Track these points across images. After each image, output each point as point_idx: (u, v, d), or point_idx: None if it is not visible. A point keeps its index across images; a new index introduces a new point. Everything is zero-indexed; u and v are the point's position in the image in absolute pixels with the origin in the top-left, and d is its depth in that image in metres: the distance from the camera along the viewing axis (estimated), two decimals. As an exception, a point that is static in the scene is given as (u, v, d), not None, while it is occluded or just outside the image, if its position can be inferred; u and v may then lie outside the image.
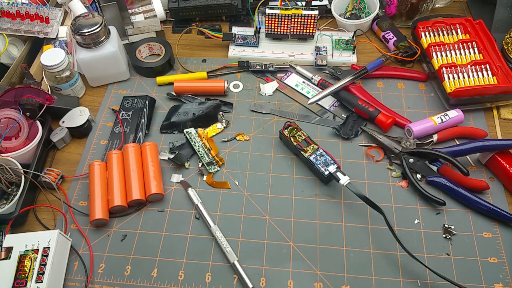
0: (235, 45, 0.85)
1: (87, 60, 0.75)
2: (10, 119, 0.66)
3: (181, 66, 0.83)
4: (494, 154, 0.65)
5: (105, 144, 0.73)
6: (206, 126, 0.74)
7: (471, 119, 0.73)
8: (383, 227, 0.59)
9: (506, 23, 0.83)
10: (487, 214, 0.62)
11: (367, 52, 0.84)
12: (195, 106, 0.75)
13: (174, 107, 0.75)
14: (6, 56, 0.80)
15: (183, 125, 0.73)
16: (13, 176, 0.64)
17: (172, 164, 0.70)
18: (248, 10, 0.90)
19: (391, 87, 0.79)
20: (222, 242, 0.60)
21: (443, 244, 0.60)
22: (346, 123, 0.73)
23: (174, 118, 0.74)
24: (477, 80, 0.74)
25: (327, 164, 0.64)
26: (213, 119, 0.74)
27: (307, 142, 0.67)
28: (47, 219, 0.65)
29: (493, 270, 0.58)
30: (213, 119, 0.74)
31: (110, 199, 0.63)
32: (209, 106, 0.74)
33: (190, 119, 0.73)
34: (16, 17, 0.79)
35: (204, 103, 0.75)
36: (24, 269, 0.54)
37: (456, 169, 0.64)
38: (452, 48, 0.77)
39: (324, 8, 0.90)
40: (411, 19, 0.87)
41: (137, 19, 0.87)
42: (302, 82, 0.80)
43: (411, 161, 0.66)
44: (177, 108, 0.75)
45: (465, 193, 0.62)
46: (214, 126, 0.73)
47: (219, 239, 0.60)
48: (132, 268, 0.59)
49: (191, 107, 0.75)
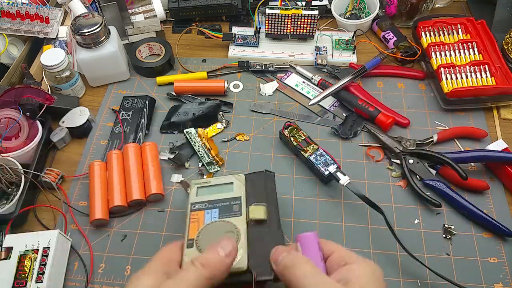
0: (235, 45, 0.85)
1: (87, 60, 0.75)
2: (10, 119, 0.66)
3: (181, 66, 0.84)
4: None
5: (105, 144, 0.73)
6: (206, 126, 0.74)
7: (471, 119, 0.73)
8: (383, 227, 0.59)
9: (506, 23, 0.83)
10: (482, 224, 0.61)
11: (367, 52, 0.84)
12: (195, 106, 0.75)
13: (174, 107, 0.75)
14: (6, 56, 0.80)
15: (183, 125, 0.73)
16: (13, 176, 0.64)
17: (172, 164, 0.70)
18: (248, 10, 0.90)
19: (391, 87, 0.79)
20: None
21: (443, 244, 0.60)
22: (345, 123, 0.73)
23: (174, 118, 0.74)
24: (475, 80, 0.74)
25: (327, 164, 0.64)
26: (213, 119, 0.74)
27: (307, 142, 0.67)
28: (47, 219, 0.65)
29: (493, 270, 0.58)
30: (213, 119, 0.74)
31: (110, 199, 0.63)
32: (209, 106, 0.74)
33: (190, 119, 0.73)
34: (16, 17, 0.79)
35: (204, 103, 0.75)
36: (24, 269, 0.54)
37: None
38: (452, 48, 0.77)
39: (324, 8, 0.90)
40: (411, 19, 0.87)
41: (137, 19, 0.87)
42: (302, 82, 0.80)
43: (411, 162, 0.66)
44: (177, 108, 0.75)
45: (461, 200, 0.62)
46: (214, 126, 0.73)
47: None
48: (132, 268, 0.59)
49: (191, 107, 0.75)
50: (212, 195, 0.56)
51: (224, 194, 0.56)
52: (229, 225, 0.52)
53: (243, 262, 0.49)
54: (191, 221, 0.54)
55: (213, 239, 0.49)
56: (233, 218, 0.53)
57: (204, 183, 0.58)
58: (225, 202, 0.55)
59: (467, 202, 0.62)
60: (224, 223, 0.52)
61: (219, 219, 0.53)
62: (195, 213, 0.54)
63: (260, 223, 0.53)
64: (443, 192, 0.63)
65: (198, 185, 0.58)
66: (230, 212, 0.54)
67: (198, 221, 0.53)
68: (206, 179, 0.59)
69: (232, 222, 0.52)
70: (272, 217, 0.54)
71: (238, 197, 0.55)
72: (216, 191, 0.57)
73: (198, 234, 0.52)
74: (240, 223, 0.52)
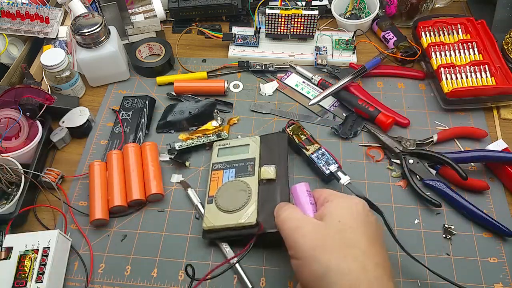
0: (235, 45, 0.85)
1: (87, 60, 0.75)
2: (10, 119, 0.66)
3: (181, 66, 0.84)
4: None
5: (105, 144, 0.73)
6: (202, 124, 0.73)
7: (471, 119, 0.73)
8: (382, 227, 0.58)
9: (506, 23, 0.83)
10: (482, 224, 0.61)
11: (367, 52, 0.84)
12: (190, 104, 0.75)
13: (169, 106, 0.75)
14: (6, 56, 0.80)
15: (179, 124, 0.73)
16: (13, 176, 0.64)
17: (173, 164, 0.70)
18: (248, 10, 0.90)
19: (391, 87, 0.79)
20: (221, 242, 0.60)
21: (443, 244, 0.60)
22: (345, 123, 0.73)
23: (170, 117, 0.74)
24: (475, 80, 0.74)
25: (328, 164, 0.64)
26: (209, 117, 0.74)
27: (309, 140, 0.67)
28: (47, 219, 0.65)
29: (493, 270, 0.58)
30: (209, 117, 0.74)
31: (110, 199, 0.63)
32: (204, 104, 0.74)
33: (186, 118, 0.73)
34: (16, 17, 0.79)
35: (199, 102, 0.75)
36: (24, 269, 0.54)
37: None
38: (452, 48, 0.77)
39: (324, 8, 0.90)
40: (411, 19, 0.87)
41: (137, 19, 0.87)
42: (302, 82, 0.80)
43: (411, 162, 0.66)
44: (173, 107, 0.75)
45: (461, 200, 0.62)
46: (209, 124, 0.73)
47: (225, 249, 0.60)
48: (132, 268, 0.59)
49: (187, 105, 0.75)
50: (230, 156, 0.65)
51: (241, 155, 0.64)
52: (243, 184, 0.60)
53: (253, 217, 0.57)
54: (212, 179, 0.62)
55: (229, 197, 0.59)
56: (247, 177, 0.61)
57: (224, 144, 0.67)
58: (241, 163, 0.63)
59: (467, 202, 0.62)
60: (239, 182, 0.61)
61: (235, 179, 0.61)
62: (215, 172, 0.63)
63: (270, 182, 0.60)
64: (443, 192, 0.63)
65: (219, 146, 0.67)
66: (245, 172, 0.62)
67: (217, 180, 0.62)
68: (226, 140, 0.68)
69: (246, 182, 0.60)
70: (282, 176, 0.61)
71: (252, 158, 0.63)
72: (234, 152, 0.65)
73: (217, 191, 0.60)
74: (252, 182, 0.60)
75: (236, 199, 0.59)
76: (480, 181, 0.64)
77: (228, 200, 0.60)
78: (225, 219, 0.58)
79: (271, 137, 0.66)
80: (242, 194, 0.59)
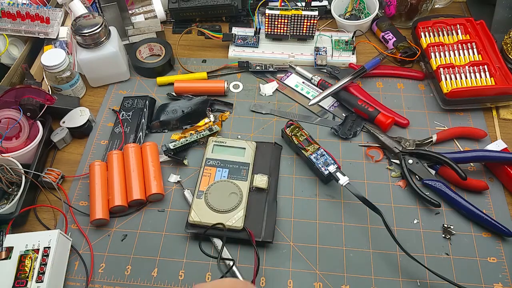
0: (235, 46, 0.86)
1: (88, 60, 0.75)
2: (11, 119, 0.66)
3: (181, 67, 0.84)
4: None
5: (105, 144, 0.73)
6: (196, 122, 0.73)
7: (471, 119, 0.74)
8: (382, 227, 0.59)
9: (505, 24, 0.83)
10: (481, 224, 0.61)
11: (366, 53, 0.84)
12: (183, 103, 0.75)
13: (162, 106, 0.76)
14: (7, 56, 0.80)
15: (173, 123, 0.73)
16: (14, 176, 0.64)
17: (172, 164, 0.70)
18: (248, 10, 0.90)
19: (391, 87, 0.79)
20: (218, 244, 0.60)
21: (443, 244, 0.60)
22: (344, 123, 0.73)
23: (163, 117, 0.74)
24: (475, 81, 0.74)
25: (327, 164, 0.64)
26: (202, 115, 0.74)
27: (308, 141, 0.67)
28: (47, 219, 0.65)
29: (492, 270, 0.58)
30: (202, 115, 0.74)
31: (111, 199, 0.64)
32: (197, 102, 0.75)
33: (179, 117, 0.73)
34: (17, 18, 0.79)
35: (191, 100, 0.75)
36: (25, 269, 0.54)
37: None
38: (451, 49, 0.77)
39: (323, 8, 0.90)
40: (411, 20, 0.88)
41: (138, 19, 0.87)
42: (302, 83, 0.80)
43: (410, 162, 0.67)
44: (165, 106, 0.75)
45: (460, 200, 0.62)
46: (202, 121, 0.73)
47: (215, 243, 0.60)
48: (133, 268, 0.60)
49: (180, 104, 0.75)
50: (225, 155, 0.65)
51: (236, 157, 0.64)
52: (235, 187, 0.61)
53: (240, 222, 0.58)
54: (204, 174, 0.63)
55: (219, 196, 0.60)
56: (239, 181, 0.62)
57: (221, 142, 0.66)
58: (235, 165, 0.64)
59: (467, 202, 0.62)
60: (231, 184, 0.61)
61: (228, 180, 0.62)
62: (208, 168, 0.64)
63: (260, 191, 0.62)
64: (443, 192, 0.63)
65: (215, 142, 0.67)
66: (238, 175, 0.63)
67: (209, 176, 0.62)
68: (223, 138, 0.68)
69: (238, 185, 0.61)
70: (271, 189, 0.63)
71: (247, 163, 0.64)
72: (229, 152, 0.65)
73: (208, 188, 0.61)
74: (244, 187, 0.61)
75: (226, 200, 0.60)
76: (479, 181, 0.64)
77: (218, 200, 0.60)
78: (212, 218, 0.59)
79: (267, 147, 0.67)
80: (233, 197, 0.60)
